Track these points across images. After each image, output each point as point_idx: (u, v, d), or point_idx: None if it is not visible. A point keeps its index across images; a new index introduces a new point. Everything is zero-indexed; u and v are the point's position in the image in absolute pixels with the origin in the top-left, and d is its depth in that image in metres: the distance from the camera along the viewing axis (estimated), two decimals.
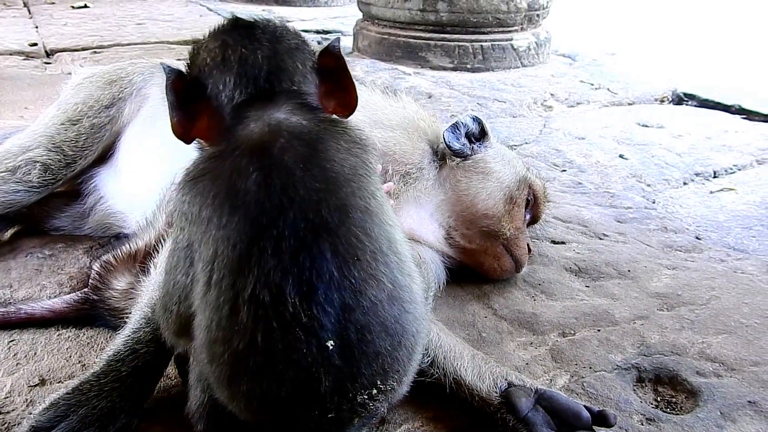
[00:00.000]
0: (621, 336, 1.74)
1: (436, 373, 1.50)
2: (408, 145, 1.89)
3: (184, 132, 1.10)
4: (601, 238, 2.30)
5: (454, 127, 1.98)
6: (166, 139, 1.19)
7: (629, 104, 4.36)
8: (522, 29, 5.02)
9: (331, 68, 1.15)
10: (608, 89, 4.62)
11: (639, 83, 4.71)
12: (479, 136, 2.02)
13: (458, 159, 1.96)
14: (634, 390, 1.57)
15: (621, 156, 3.22)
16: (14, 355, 1.61)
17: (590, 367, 1.62)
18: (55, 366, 1.57)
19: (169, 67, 1.10)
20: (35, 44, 5.16)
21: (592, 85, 4.71)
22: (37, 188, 2.00)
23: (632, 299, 1.91)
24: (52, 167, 2.01)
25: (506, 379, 1.46)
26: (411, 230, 1.88)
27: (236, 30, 1.12)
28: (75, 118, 2.08)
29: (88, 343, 1.66)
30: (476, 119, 2.03)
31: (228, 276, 0.93)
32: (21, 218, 2.12)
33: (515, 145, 3.42)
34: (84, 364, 1.58)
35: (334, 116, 1.12)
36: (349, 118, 1.16)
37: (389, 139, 1.85)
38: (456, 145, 1.96)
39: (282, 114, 1.04)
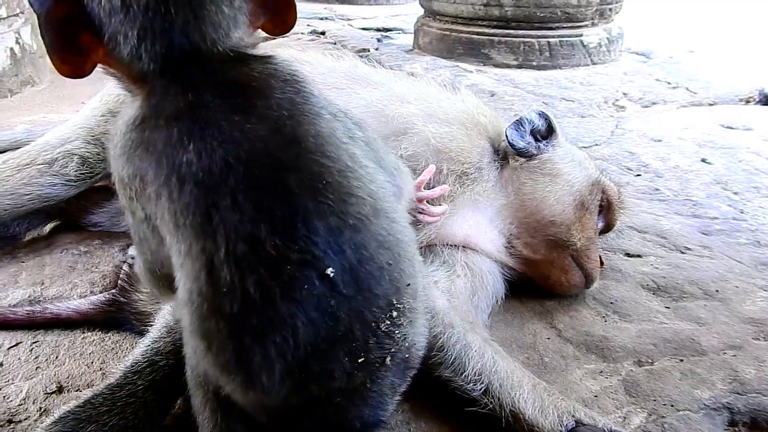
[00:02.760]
0: (709, 369, 1.49)
1: (491, 403, 1.30)
2: (466, 142, 1.69)
3: (73, 70, 0.88)
4: (682, 252, 2.03)
5: (518, 123, 1.78)
6: None
7: (710, 104, 4.01)
8: (593, 24, 4.73)
9: None
10: (687, 88, 4.28)
11: (721, 82, 4.34)
12: (546, 133, 1.81)
13: (522, 159, 1.75)
14: None
15: (703, 160, 2.92)
16: (35, 358, 1.51)
17: (672, 405, 1.38)
18: (75, 372, 1.46)
19: None
20: None
21: (669, 84, 4.38)
22: (75, 182, 1.91)
23: (721, 325, 1.65)
24: (90, 160, 1.92)
25: (573, 416, 1.24)
26: (467, 237, 1.69)
27: None
28: (116, 110, 1.98)
29: (113, 348, 1.54)
30: (543, 115, 1.81)
31: (195, 243, 0.82)
32: (59, 213, 2.05)
33: (584, 147, 3.16)
34: (105, 372, 1.46)
35: (264, 55, 0.94)
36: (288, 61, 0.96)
37: (444, 135, 1.66)
38: (520, 144, 1.75)
39: (204, 66, 0.88)
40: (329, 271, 0.83)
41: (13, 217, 1.89)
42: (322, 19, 6.60)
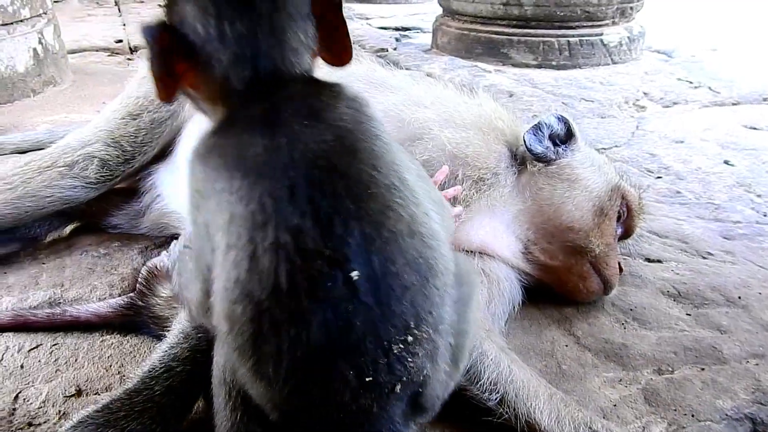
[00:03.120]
0: (731, 378, 1.47)
1: (506, 413, 1.29)
2: (483, 147, 1.68)
3: (168, 94, 1.00)
4: (704, 257, 2.00)
5: (537, 127, 1.76)
6: None
7: (733, 104, 3.95)
8: (613, 23, 4.68)
9: (325, 14, 1.04)
10: (709, 88, 4.21)
11: (744, 81, 4.28)
12: (565, 138, 1.79)
13: (540, 164, 1.73)
14: None
15: (726, 162, 2.87)
16: (55, 360, 1.52)
17: (692, 415, 1.36)
18: (94, 375, 1.48)
19: (146, 27, 0.97)
20: (121, 41, 5.28)
21: (691, 83, 4.32)
22: (95, 184, 1.93)
23: (744, 332, 1.63)
24: (110, 163, 1.94)
25: (590, 428, 1.23)
26: (483, 243, 1.67)
27: None
28: (135, 113, 2.00)
29: (131, 352, 1.56)
30: (562, 118, 1.79)
31: (245, 233, 0.89)
32: (80, 214, 2.07)
33: (604, 149, 3.13)
34: (123, 376, 1.48)
35: (331, 81, 1.04)
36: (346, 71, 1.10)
37: (461, 140, 1.64)
38: (538, 148, 1.73)
39: (283, 84, 1.00)
40: (354, 274, 0.86)
41: (34, 218, 1.91)
42: None
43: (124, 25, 6.10)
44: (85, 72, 4.18)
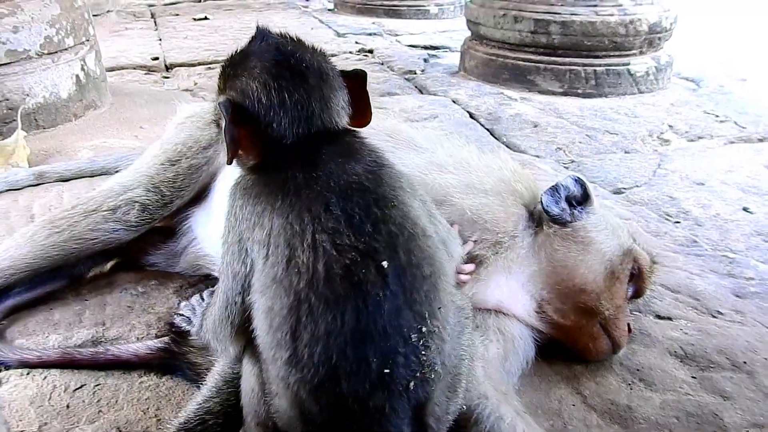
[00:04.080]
0: None
1: None
2: (502, 212, 1.77)
3: (234, 156, 1.21)
4: (714, 316, 2.06)
5: (554, 189, 1.84)
6: None
7: (759, 140, 3.97)
8: (641, 53, 4.71)
9: (355, 90, 1.29)
10: (735, 122, 4.23)
11: None
12: (581, 199, 1.86)
13: (556, 225, 1.81)
14: None
15: (745, 209, 2.91)
16: (98, 401, 1.65)
17: None
18: (133, 418, 1.60)
19: (222, 103, 1.19)
20: (157, 58, 5.46)
21: (717, 117, 4.33)
22: (135, 227, 2.06)
23: (746, 400, 1.69)
24: (150, 207, 2.07)
25: None
26: (499, 303, 1.76)
27: (287, 68, 1.21)
28: (174, 159, 2.13)
29: (166, 395, 1.68)
30: (578, 181, 1.87)
31: (283, 240, 1.09)
32: (119, 252, 2.20)
33: (624, 188, 3.19)
34: (159, 419, 1.60)
35: (357, 132, 1.30)
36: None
37: (481, 206, 1.73)
38: (555, 210, 1.81)
39: (323, 137, 1.23)
40: (384, 263, 1.06)
41: (79, 258, 2.05)
42: (370, 34, 6.71)
43: (160, 40, 6.29)
44: (123, 93, 4.34)
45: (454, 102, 4.51)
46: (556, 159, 3.59)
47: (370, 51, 6.01)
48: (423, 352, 1.06)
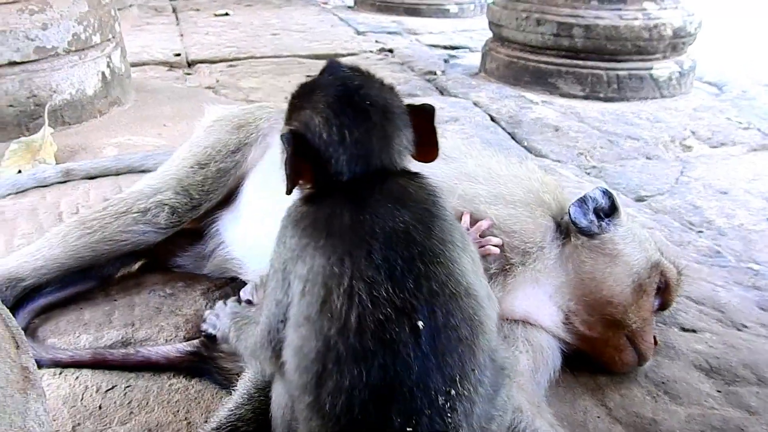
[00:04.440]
0: None
1: None
2: (530, 223, 1.77)
3: (293, 187, 1.18)
4: (739, 329, 2.06)
5: (582, 201, 1.84)
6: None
7: None
8: (664, 57, 4.69)
9: (422, 125, 1.24)
10: (759, 129, 4.20)
11: None
12: (609, 211, 1.87)
13: (584, 237, 1.82)
14: None
15: None
16: (129, 402, 1.68)
17: None
18: (164, 420, 1.63)
19: (285, 134, 1.17)
20: (179, 54, 5.50)
21: (740, 123, 4.30)
22: (164, 229, 2.09)
23: None
24: (179, 210, 2.09)
25: None
26: (527, 313, 1.77)
27: (350, 104, 1.18)
28: (203, 162, 2.16)
29: (196, 398, 1.71)
30: (606, 193, 1.87)
31: (321, 280, 1.06)
32: (148, 253, 2.23)
33: (647, 196, 3.18)
34: (190, 422, 1.62)
35: (418, 172, 1.24)
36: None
37: (509, 217, 1.74)
38: (583, 222, 1.81)
39: (382, 177, 1.18)
40: (420, 323, 1.02)
41: (109, 259, 2.08)
42: (390, 33, 6.71)
43: (182, 35, 6.33)
44: (146, 89, 4.38)
45: (475, 105, 4.50)
46: (578, 164, 3.58)
47: (390, 50, 6.02)
48: (449, 414, 1.03)
